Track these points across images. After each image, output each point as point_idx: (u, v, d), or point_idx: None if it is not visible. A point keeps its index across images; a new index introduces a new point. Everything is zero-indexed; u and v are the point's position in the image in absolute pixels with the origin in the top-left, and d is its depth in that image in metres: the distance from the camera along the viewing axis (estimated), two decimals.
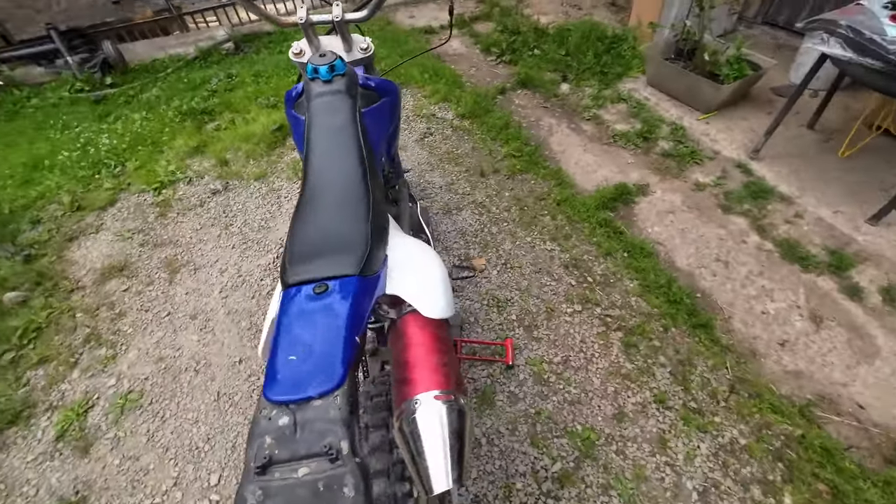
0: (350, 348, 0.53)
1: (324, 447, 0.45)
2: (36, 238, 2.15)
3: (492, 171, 2.30)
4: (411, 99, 2.92)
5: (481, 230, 1.99)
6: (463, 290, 1.75)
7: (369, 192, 0.78)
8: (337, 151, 0.85)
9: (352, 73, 0.98)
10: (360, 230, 0.68)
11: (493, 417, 1.38)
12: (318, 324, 0.54)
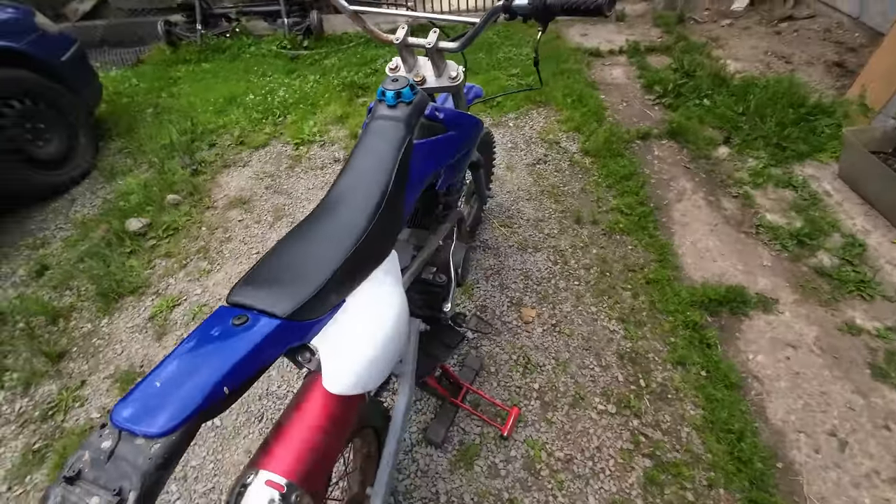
0: (207, 398, 0.50)
1: (114, 490, 0.44)
2: (206, 158, 2.71)
3: (590, 220, 2.09)
4: (542, 121, 2.81)
5: (548, 280, 1.84)
6: (492, 339, 1.66)
7: (367, 227, 0.77)
8: (363, 178, 0.86)
9: (420, 102, 0.98)
10: (325, 267, 0.68)
11: (463, 480, 1.29)
12: (206, 357, 0.54)
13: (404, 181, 0.91)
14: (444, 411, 1.40)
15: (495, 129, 2.79)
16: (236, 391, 0.52)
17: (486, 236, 2.05)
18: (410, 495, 1.26)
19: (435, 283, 1.10)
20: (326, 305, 0.67)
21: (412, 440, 1.38)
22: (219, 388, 0.49)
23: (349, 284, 0.72)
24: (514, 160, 2.51)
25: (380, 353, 0.70)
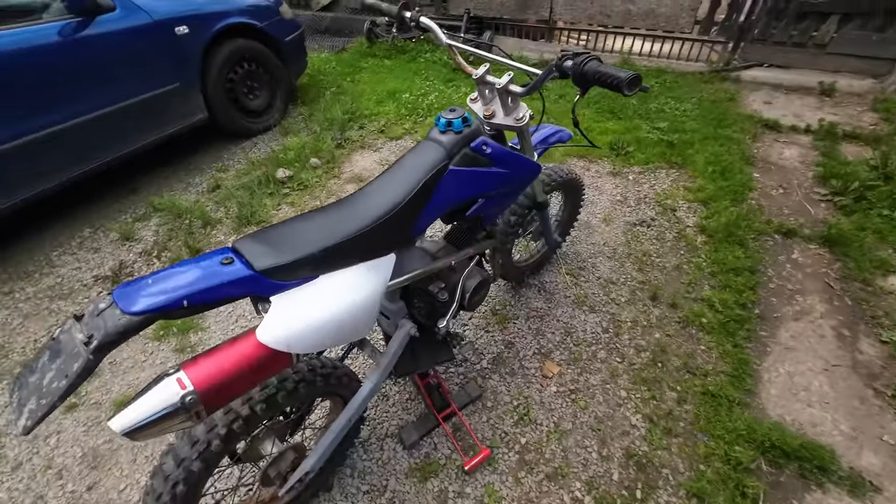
0: (169, 304, 0.65)
1: (90, 334, 0.62)
2: (351, 136, 3.22)
3: (669, 302, 1.87)
4: (667, 182, 2.57)
5: (589, 344, 1.73)
6: (503, 377, 1.63)
7: (366, 227, 0.90)
8: (388, 185, 0.99)
9: (469, 134, 1.07)
10: (311, 246, 0.83)
11: (412, 489, 1.34)
12: (186, 275, 0.71)
13: (425, 199, 1.01)
14: (426, 420, 1.46)
15: (611, 178, 2.65)
16: (195, 307, 0.70)
17: (546, 278, 2.01)
18: (363, 476, 1.37)
19: (436, 297, 1.17)
20: (298, 275, 0.82)
21: (388, 431, 1.48)
22: (180, 300, 0.67)
23: (327, 266, 0.86)
24: (616, 214, 2.37)
25: (317, 328, 0.82)
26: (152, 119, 2.71)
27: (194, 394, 0.68)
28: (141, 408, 0.66)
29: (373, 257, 0.95)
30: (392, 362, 1.15)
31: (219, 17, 2.89)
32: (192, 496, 0.87)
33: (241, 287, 0.74)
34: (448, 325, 1.22)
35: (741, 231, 2.13)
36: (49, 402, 0.59)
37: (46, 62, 2.18)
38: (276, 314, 0.78)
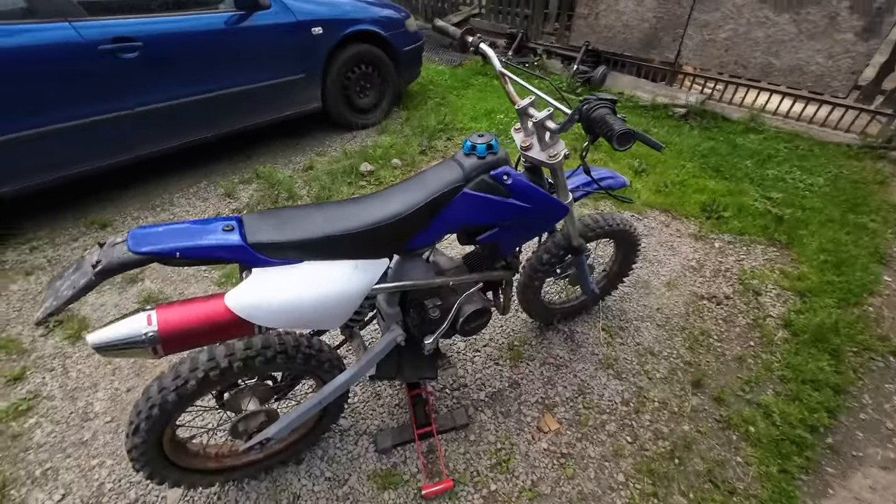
0: (164, 253, 0.78)
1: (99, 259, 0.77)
2: (437, 146, 3.36)
3: (713, 395, 1.61)
4: (759, 260, 2.23)
5: (601, 412, 1.57)
6: (496, 417, 1.55)
7: (362, 229, 0.95)
8: (399, 194, 1.03)
9: (491, 161, 1.06)
10: (306, 233, 0.90)
11: (368, 492, 1.35)
12: (190, 232, 0.82)
13: (432, 215, 1.03)
14: (404, 431, 1.46)
15: (692, 240, 2.38)
16: (187, 260, 0.81)
17: (578, 328, 1.87)
18: (330, 463, 1.41)
19: (426, 313, 1.17)
20: (284, 255, 0.89)
21: (368, 429, 1.51)
22: (173, 251, 0.78)
23: (316, 254, 0.92)
24: (683, 281, 2.11)
25: (283, 307, 0.87)
26: (276, 101, 3.15)
27: (155, 333, 0.79)
28: (112, 331, 0.79)
29: (365, 257, 1.00)
30: (373, 362, 1.18)
31: (351, 23, 3.25)
32: (165, 421, 1.00)
33: (230, 253, 0.84)
34: (435, 343, 1.21)
35: (839, 339, 1.75)
36: (56, 304, 0.74)
37: (211, 42, 2.67)
38: (250, 284, 0.86)
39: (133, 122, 2.54)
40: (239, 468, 1.28)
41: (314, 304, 0.91)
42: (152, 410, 0.96)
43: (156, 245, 0.78)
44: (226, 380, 1.02)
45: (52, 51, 2.19)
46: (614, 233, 1.58)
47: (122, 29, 2.35)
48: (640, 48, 4.13)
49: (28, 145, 2.26)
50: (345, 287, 0.95)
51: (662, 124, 3.59)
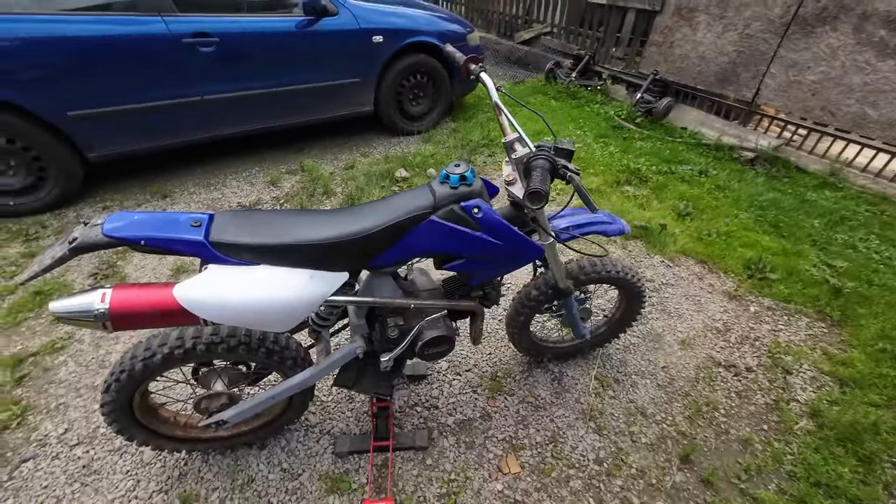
0: (130, 239, 0.86)
1: (75, 237, 0.88)
2: (476, 161, 3.37)
3: (701, 476, 1.46)
4: (800, 335, 1.98)
5: (568, 465, 1.47)
6: (459, 448, 1.52)
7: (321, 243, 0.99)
8: (366, 213, 1.05)
9: (463, 192, 1.06)
10: (267, 239, 0.95)
11: (315, 492, 1.38)
12: (159, 223, 0.90)
13: (396, 237, 1.04)
14: (364, 440, 1.48)
15: (723, 298, 2.17)
16: (152, 249, 0.89)
17: (569, 371, 1.78)
18: (288, 454, 1.47)
19: (386, 332, 1.18)
20: (241, 256, 0.94)
21: (332, 430, 1.55)
22: (139, 239, 0.86)
23: (274, 259, 0.97)
24: (702, 342, 1.93)
25: (228, 305, 0.91)
26: (331, 101, 3.34)
27: (106, 311, 0.88)
28: (69, 302, 0.89)
29: (323, 269, 1.03)
30: (330, 369, 1.22)
31: (410, 34, 3.37)
32: (134, 386, 1.11)
33: (189, 247, 0.91)
34: (391, 362, 1.22)
35: (876, 445, 1.50)
36: (34, 271, 0.86)
37: (280, 43, 2.91)
38: (200, 279, 0.93)
39: (203, 107, 2.83)
40: (204, 441, 1.38)
41: (261, 307, 0.95)
42: (122, 375, 1.07)
43: (126, 232, 0.88)
44: (189, 360, 1.11)
45: (145, 41, 2.51)
46: (612, 280, 1.49)
47: (203, 25, 2.63)
48: (715, 82, 3.83)
49: (115, 119, 2.60)
50: (295, 295, 0.99)
51: (724, 167, 3.30)
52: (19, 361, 1.75)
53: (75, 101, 2.46)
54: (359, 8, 3.14)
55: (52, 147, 2.51)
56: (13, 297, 2.05)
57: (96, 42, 2.39)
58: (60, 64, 2.35)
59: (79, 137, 2.55)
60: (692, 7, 3.78)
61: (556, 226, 1.29)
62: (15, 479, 1.39)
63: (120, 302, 0.90)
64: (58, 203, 2.67)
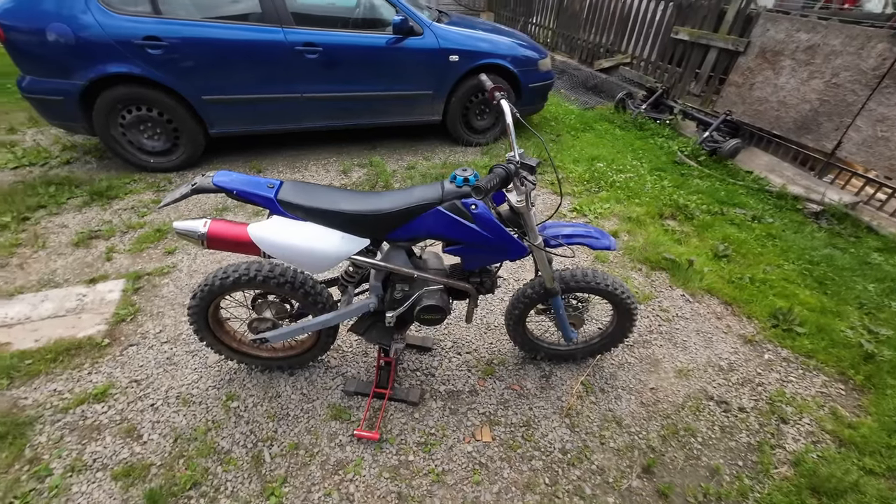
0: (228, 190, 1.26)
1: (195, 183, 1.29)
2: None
3: (658, 488, 1.56)
4: (815, 390, 1.95)
5: (534, 447, 1.65)
6: (447, 411, 1.77)
7: (355, 213, 1.32)
8: (387, 198, 1.36)
9: (464, 191, 1.33)
10: (321, 204, 1.29)
11: (317, 420, 1.72)
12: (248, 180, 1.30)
13: (407, 219, 1.35)
14: (368, 385, 1.80)
15: (738, 341, 2.18)
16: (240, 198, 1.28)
17: (560, 372, 1.95)
18: (308, 383, 1.83)
19: (394, 292, 1.49)
20: (295, 212, 1.30)
21: (345, 372, 1.89)
22: (232, 189, 1.25)
23: (317, 219, 1.32)
24: (700, 375, 1.99)
25: (280, 244, 1.28)
26: (406, 108, 3.79)
27: (204, 234, 1.29)
28: (186, 223, 1.31)
29: (351, 233, 1.37)
30: (347, 315, 1.55)
31: (485, 55, 3.71)
32: (211, 298, 1.52)
33: (264, 201, 1.30)
34: (394, 319, 1.52)
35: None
36: (168, 201, 1.29)
37: (371, 55, 3.40)
38: (267, 223, 1.30)
39: (302, 103, 3.41)
40: (250, 356, 1.78)
41: (302, 251, 1.31)
42: (205, 287, 1.50)
43: (226, 184, 1.28)
44: (251, 286, 1.50)
45: (267, 46, 3.12)
46: (599, 292, 1.65)
47: (312, 37, 3.20)
48: (793, 129, 3.67)
49: (235, 105, 3.25)
50: (328, 248, 1.33)
51: (783, 216, 3.18)
52: (138, 277, 2.33)
53: (209, 88, 3.13)
54: (442, 30, 3.55)
55: (187, 122, 3.21)
56: (142, 230, 2.70)
57: (231, 44, 3.04)
58: (204, 59, 3.02)
59: (207, 116, 3.23)
60: (778, 51, 3.68)
61: (549, 233, 1.51)
62: (122, 356, 1.91)
63: (214, 229, 1.31)
64: (182, 166, 3.38)
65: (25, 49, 2.79)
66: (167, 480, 1.48)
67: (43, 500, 1.42)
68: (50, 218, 2.79)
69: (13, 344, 1.92)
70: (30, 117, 4.17)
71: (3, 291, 2.20)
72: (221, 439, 1.62)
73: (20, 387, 1.75)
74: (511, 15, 8.28)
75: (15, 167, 3.34)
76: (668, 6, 4.92)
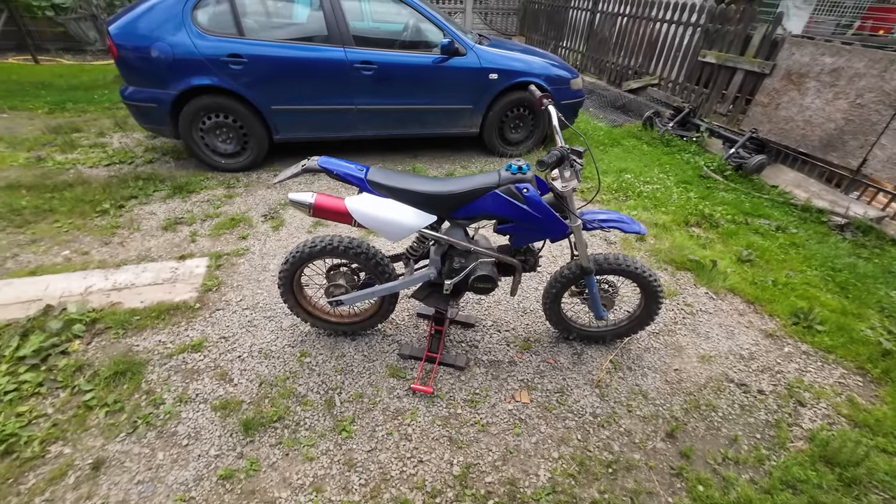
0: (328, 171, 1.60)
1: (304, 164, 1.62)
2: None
3: (681, 450, 1.74)
4: (832, 380, 2.09)
5: (567, 409, 1.86)
6: (492, 371, 2.01)
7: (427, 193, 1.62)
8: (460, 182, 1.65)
9: (519, 177, 1.61)
10: (401, 185, 1.59)
11: (377, 376, 1.99)
12: (344, 165, 1.60)
13: (469, 200, 1.63)
14: (421, 350, 2.06)
15: (759, 335, 2.34)
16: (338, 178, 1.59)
17: (589, 350, 2.16)
18: (369, 347, 2.10)
19: (452, 263, 1.76)
20: (380, 190, 1.60)
21: (401, 340, 2.15)
22: (332, 171, 1.57)
23: (395, 196, 1.61)
24: (722, 361, 2.16)
25: (368, 214, 1.57)
26: (448, 120, 4.14)
27: (312, 204, 1.61)
28: (299, 195, 1.63)
29: (422, 210, 1.66)
30: (410, 283, 1.83)
31: (521, 74, 4.04)
32: (300, 264, 1.83)
33: (357, 181, 1.61)
34: (451, 287, 1.79)
35: (863, 473, 1.63)
36: (281, 178, 1.62)
37: (419, 73, 3.79)
38: (359, 198, 1.61)
39: (355, 114, 3.81)
40: (321, 320, 2.08)
41: (384, 221, 1.61)
42: (297, 254, 1.81)
43: (329, 166, 1.61)
44: (334, 254, 1.81)
45: (329, 63, 3.55)
46: (629, 274, 1.88)
47: (369, 56, 3.61)
48: (819, 147, 3.82)
49: (298, 114, 3.68)
50: (404, 220, 1.63)
51: (807, 227, 3.32)
52: (218, 256, 2.70)
53: (277, 99, 3.56)
54: (483, 51, 3.92)
55: (256, 128, 3.64)
56: (218, 219, 3.09)
57: (300, 61, 3.48)
58: (276, 73, 3.46)
59: (273, 123, 3.66)
60: (803, 73, 3.86)
61: (587, 217, 1.76)
62: (212, 318, 2.24)
63: (319, 201, 1.63)
64: (248, 167, 3.81)
65: (132, 64, 3.29)
66: (256, 414, 1.77)
67: (159, 421, 1.72)
68: (140, 206, 3.22)
69: (123, 303, 2.28)
70: (115, 123, 4.74)
71: (110, 263, 2.59)
72: (298, 386, 1.90)
73: (132, 336, 2.10)
74: (542, 39, 8.71)
75: (108, 164, 3.84)
76: (695, 31, 5.19)
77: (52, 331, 2.03)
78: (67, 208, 3.09)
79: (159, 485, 1.52)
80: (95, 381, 1.85)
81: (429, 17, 3.77)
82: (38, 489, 1.49)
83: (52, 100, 5.27)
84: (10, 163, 3.72)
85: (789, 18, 8.58)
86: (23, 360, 1.90)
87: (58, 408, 1.75)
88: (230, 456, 1.62)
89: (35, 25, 7.47)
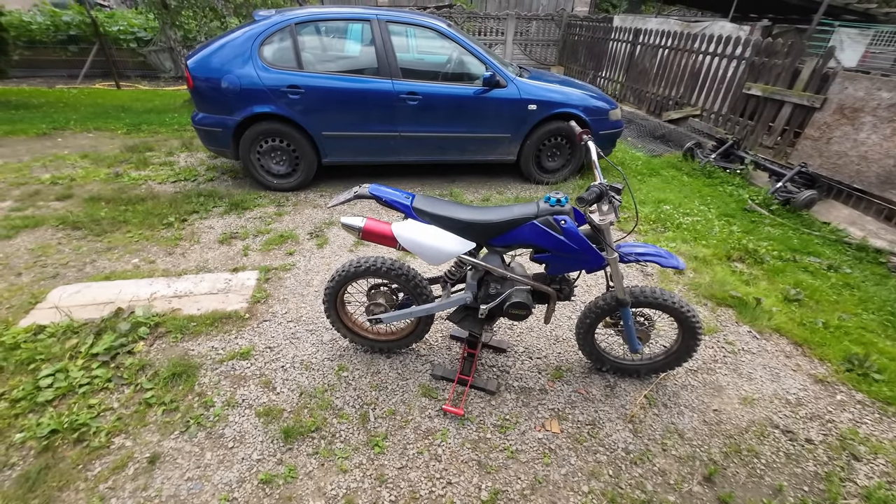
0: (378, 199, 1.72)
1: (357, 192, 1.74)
2: None
3: (723, 495, 1.68)
4: (893, 434, 1.95)
5: (599, 444, 1.84)
6: (521, 398, 2.02)
7: (467, 221, 1.70)
8: (499, 211, 1.73)
9: (557, 209, 1.67)
10: (443, 212, 1.68)
11: (410, 395, 2.05)
12: (393, 193, 1.72)
13: (507, 229, 1.71)
14: (453, 372, 2.11)
15: (809, 380, 2.23)
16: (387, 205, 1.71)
17: (623, 383, 2.13)
18: (403, 366, 2.17)
19: (489, 289, 1.82)
20: (424, 217, 1.70)
21: (434, 361, 2.21)
22: (380, 198, 1.69)
23: (440, 224, 1.71)
24: (766, 406, 2.07)
25: (410, 240, 1.67)
26: (487, 148, 4.28)
27: (361, 228, 1.73)
28: (350, 219, 1.76)
29: (462, 237, 1.74)
30: (446, 307, 1.90)
31: (559, 105, 4.14)
32: (344, 282, 1.95)
33: (403, 207, 1.72)
34: (486, 312, 1.85)
35: None
36: (335, 203, 1.76)
37: (461, 103, 3.97)
38: (404, 224, 1.72)
39: (399, 140, 4.02)
40: (359, 337, 2.18)
41: (427, 246, 1.70)
42: (343, 272, 1.94)
43: (379, 193, 1.74)
44: (376, 275, 1.92)
45: (378, 94, 3.79)
46: (667, 308, 1.86)
47: (414, 87, 3.83)
48: (876, 183, 3.64)
49: (346, 140, 3.93)
50: (445, 246, 1.71)
51: (862, 268, 3.14)
52: (267, 270, 2.89)
53: (328, 125, 3.83)
54: (523, 83, 4.06)
55: (307, 151, 3.91)
56: (268, 235, 3.31)
57: (351, 92, 3.74)
58: (329, 103, 3.74)
59: (323, 148, 3.92)
60: (857, 108, 3.73)
61: (623, 250, 1.78)
62: (259, 328, 2.40)
63: (368, 226, 1.76)
64: (298, 187, 4.08)
65: (204, 93, 3.66)
66: (296, 423, 1.87)
67: (209, 422, 1.86)
68: (201, 220, 3.51)
69: (182, 310, 2.49)
70: (182, 144, 5.21)
71: (173, 272, 2.84)
72: (335, 399, 1.99)
73: (189, 341, 2.28)
74: (581, 69, 8.84)
75: (174, 181, 4.22)
76: (740, 63, 5.13)
77: (122, 332, 2.25)
78: (139, 220, 3.42)
79: (206, 483, 1.63)
80: (155, 380, 2.02)
81: (471, 51, 3.97)
82: (102, 477, 1.64)
83: (129, 121, 5.88)
84: (94, 177, 4.17)
85: (843, 50, 8.29)
86: (96, 356, 2.11)
87: (122, 403, 1.93)
88: (270, 461, 1.72)
89: (120, 56, 8.41)
